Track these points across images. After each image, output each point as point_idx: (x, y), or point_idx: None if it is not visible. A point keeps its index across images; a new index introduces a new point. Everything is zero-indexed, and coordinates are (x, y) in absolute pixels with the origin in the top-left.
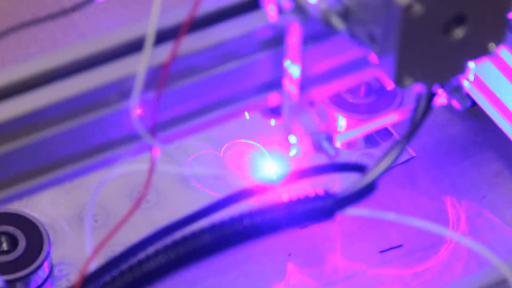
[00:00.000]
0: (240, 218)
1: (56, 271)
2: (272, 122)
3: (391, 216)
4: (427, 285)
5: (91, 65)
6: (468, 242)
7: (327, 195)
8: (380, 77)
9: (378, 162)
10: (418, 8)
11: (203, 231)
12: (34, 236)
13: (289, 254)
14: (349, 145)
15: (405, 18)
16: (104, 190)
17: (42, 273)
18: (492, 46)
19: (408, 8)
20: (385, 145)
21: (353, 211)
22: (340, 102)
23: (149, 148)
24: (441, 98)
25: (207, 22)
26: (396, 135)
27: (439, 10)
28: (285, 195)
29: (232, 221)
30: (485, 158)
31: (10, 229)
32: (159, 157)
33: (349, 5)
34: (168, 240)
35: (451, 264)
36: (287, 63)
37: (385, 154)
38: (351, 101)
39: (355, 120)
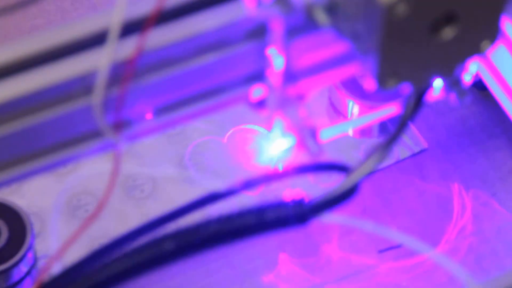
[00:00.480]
0: (207, 224)
1: (40, 264)
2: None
3: (368, 226)
4: (422, 277)
5: (53, 58)
6: (446, 262)
7: (301, 201)
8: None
9: (359, 165)
10: (402, 8)
11: (167, 238)
12: (16, 227)
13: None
14: (363, 133)
15: (388, 18)
16: (96, 179)
17: (24, 266)
18: (485, 44)
19: (390, 8)
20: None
21: (328, 218)
22: (353, 87)
23: (113, 146)
24: (436, 92)
25: (184, 12)
26: (411, 125)
27: (427, 10)
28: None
29: (198, 227)
30: (501, 154)
31: None
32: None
33: None
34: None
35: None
36: (270, 54)
37: (368, 157)
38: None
39: (367, 107)
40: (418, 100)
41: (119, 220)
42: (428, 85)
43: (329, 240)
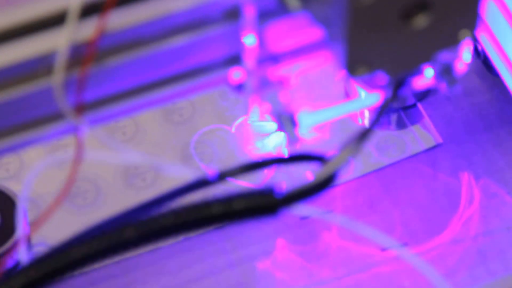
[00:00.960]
0: (171, 213)
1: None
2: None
3: (340, 219)
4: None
5: (14, 36)
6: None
7: (271, 190)
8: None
9: (334, 156)
10: None
11: (130, 226)
12: (9, 213)
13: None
14: (378, 125)
15: (355, 3)
16: (96, 165)
17: (17, 254)
18: (463, 33)
19: None
20: (414, 128)
21: (298, 209)
22: None
23: (76, 129)
24: (423, 80)
25: None
26: (427, 118)
27: None
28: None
29: (163, 216)
30: None
31: None
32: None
33: None
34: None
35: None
36: (243, 37)
37: (343, 148)
38: None
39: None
40: (395, 90)
41: (119, 209)
42: (405, 75)
43: (328, 228)
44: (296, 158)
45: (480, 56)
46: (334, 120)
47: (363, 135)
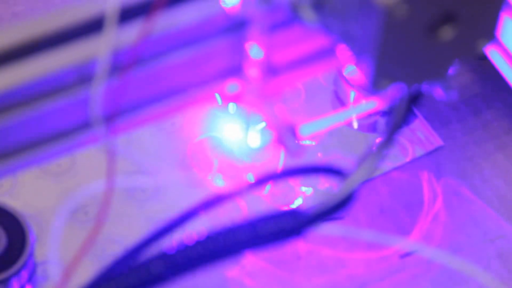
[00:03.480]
0: (196, 245)
1: (40, 271)
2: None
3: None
4: (392, 269)
5: (45, 46)
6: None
7: (294, 213)
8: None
9: (354, 171)
10: (402, 9)
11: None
12: (15, 232)
13: None
14: (368, 127)
15: (387, 20)
16: (98, 178)
17: (25, 274)
18: (482, 42)
19: (391, 10)
20: (406, 129)
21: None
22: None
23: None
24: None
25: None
26: (421, 118)
27: (426, 9)
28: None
29: (184, 248)
30: None
31: None
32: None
33: None
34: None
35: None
36: (249, 48)
37: (361, 163)
38: None
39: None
40: (410, 102)
41: (123, 222)
42: (421, 86)
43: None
44: (313, 170)
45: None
46: (331, 128)
47: (382, 146)
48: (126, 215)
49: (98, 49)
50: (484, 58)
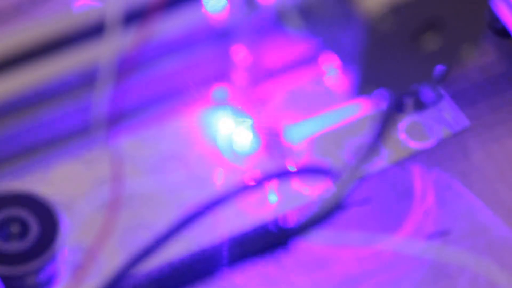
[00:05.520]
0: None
1: (71, 258)
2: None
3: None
4: (384, 265)
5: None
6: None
7: (280, 225)
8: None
9: (339, 182)
10: (387, 21)
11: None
12: (47, 221)
13: None
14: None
15: (373, 32)
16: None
17: (57, 262)
18: (468, 48)
19: (377, 22)
20: (433, 110)
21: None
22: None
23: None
24: None
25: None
26: (448, 98)
27: (411, 18)
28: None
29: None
30: None
31: (19, 212)
32: None
33: (310, 4)
34: None
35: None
36: (236, 53)
37: (348, 170)
38: None
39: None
40: (393, 108)
41: (154, 208)
42: (407, 91)
43: None
44: (302, 172)
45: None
46: (322, 132)
47: (370, 149)
48: (157, 201)
49: (101, 53)
50: (509, 37)
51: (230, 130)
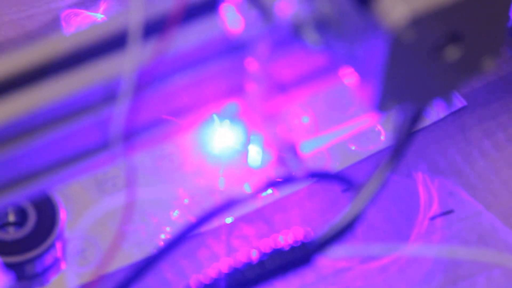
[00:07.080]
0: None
1: (71, 246)
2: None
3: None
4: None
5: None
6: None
7: (303, 243)
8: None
9: (357, 196)
10: (410, 33)
11: None
12: (45, 209)
13: None
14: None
15: (395, 45)
16: None
17: (56, 251)
18: (488, 62)
19: (399, 35)
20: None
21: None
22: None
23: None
24: None
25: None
26: None
27: (433, 31)
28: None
29: None
30: None
31: None
32: None
33: (328, 17)
34: None
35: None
36: (251, 67)
37: (366, 184)
38: None
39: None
40: (413, 122)
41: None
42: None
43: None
44: (322, 177)
45: None
46: (334, 143)
47: (392, 160)
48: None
49: (122, 67)
50: None
51: (239, 143)
